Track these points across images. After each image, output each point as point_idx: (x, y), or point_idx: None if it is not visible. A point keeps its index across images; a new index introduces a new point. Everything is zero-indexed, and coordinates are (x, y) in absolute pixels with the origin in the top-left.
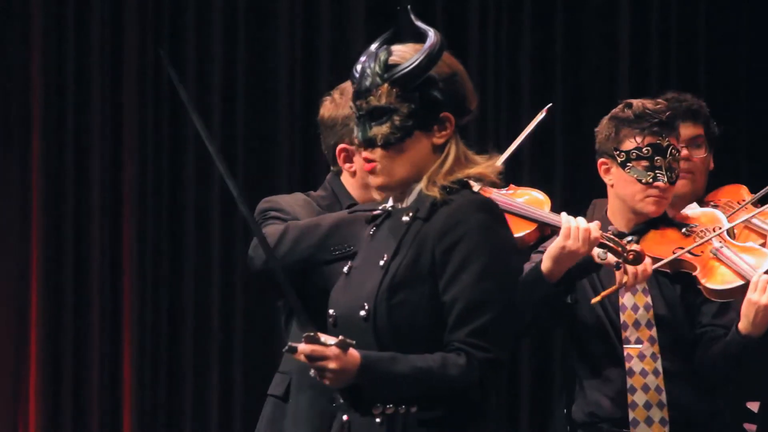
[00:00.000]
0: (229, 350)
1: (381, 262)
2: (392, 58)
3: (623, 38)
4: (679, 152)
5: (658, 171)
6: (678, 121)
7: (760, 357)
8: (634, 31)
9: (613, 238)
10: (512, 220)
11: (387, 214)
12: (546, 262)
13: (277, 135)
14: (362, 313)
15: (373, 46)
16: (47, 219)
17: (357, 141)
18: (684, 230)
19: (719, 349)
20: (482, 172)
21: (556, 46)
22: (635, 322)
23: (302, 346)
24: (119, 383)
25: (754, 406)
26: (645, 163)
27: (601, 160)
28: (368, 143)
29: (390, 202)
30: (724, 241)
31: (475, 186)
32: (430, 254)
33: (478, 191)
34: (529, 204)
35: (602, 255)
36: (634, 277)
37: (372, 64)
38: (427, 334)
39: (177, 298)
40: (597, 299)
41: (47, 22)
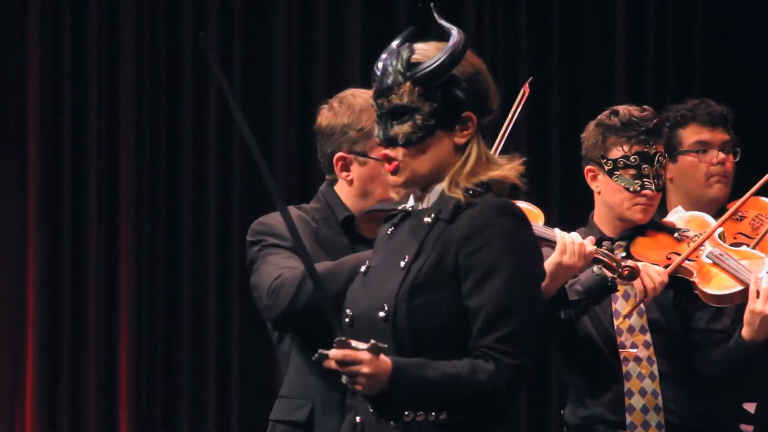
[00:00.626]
0: (226, 350)
1: (402, 263)
2: (415, 57)
3: (620, 36)
4: (666, 159)
5: (645, 179)
6: (669, 128)
7: (762, 361)
8: (629, 32)
9: (608, 254)
10: None
11: (406, 214)
12: None
13: (275, 134)
14: (381, 314)
15: (394, 44)
16: (44, 220)
17: (378, 139)
18: (676, 235)
19: (722, 355)
20: (505, 174)
21: (553, 46)
22: (629, 328)
23: (334, 352)
24: (116, 384)
25: (750, 407)
26: (632, 171)
27: (588, 167)
28: (389, 142)
29: (410, 202)
30: (718, 245)
31: None
32: (454, 257)
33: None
34: None
35: (597, 270)
36: (653, 289)
37: (394, 62)
38: (445, 337)
39: (174, 299)
40: (620, 321)
41: (44, 23)
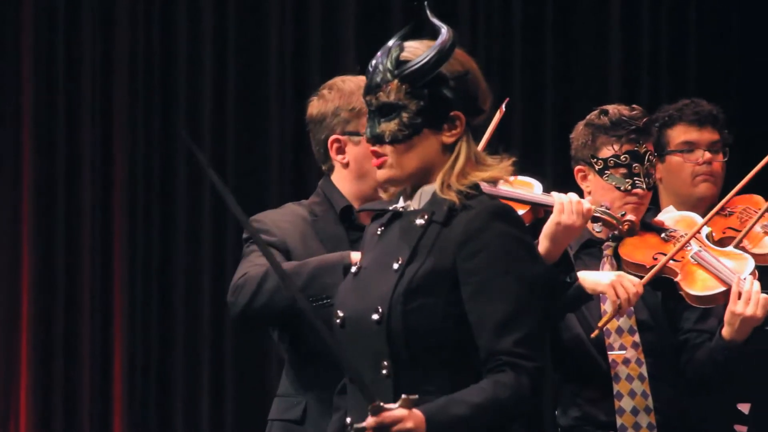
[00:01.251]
0: (220, 350)
1: (395, 266)
2: (403, 54)
3: (614, 35)
4: (656, 158)
5: (636, 178)
6: (658, 128)
7: (745, 360)
8: (624, 31)
9: (607, 211)
10: None
11: (396, 214)
12: (543, 243)
13: (269, 135)
14: (375, 317)
15: (389, 42)
16: (38, 221)
17: (366, 137)
18: (663, 235)
19: (705, 355)
20: (496, 175)
21: (546, 44)
22: (618, 329)
23: (370, 420)
24: (110, 384)
25: (744, 408)
26: (623, 170)
27: (578, 167)
28: (376, 139)
29: (400, 203)
30: (703, 245)
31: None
32: (451, 261)
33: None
34: (519, 187)
35: (597, 228)
36: (626, 300)
37: (384, 59)
38: (439, 340)
39: (168, 299)
40: (596, 333)
41: (38, 23)
